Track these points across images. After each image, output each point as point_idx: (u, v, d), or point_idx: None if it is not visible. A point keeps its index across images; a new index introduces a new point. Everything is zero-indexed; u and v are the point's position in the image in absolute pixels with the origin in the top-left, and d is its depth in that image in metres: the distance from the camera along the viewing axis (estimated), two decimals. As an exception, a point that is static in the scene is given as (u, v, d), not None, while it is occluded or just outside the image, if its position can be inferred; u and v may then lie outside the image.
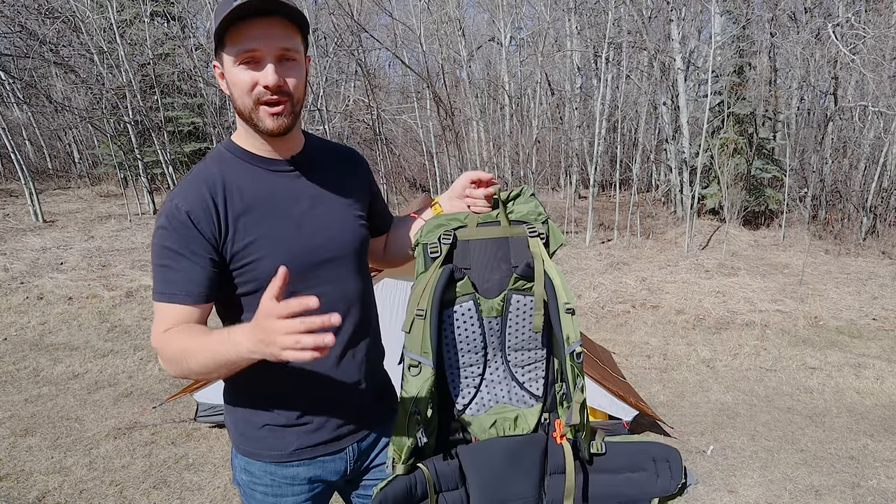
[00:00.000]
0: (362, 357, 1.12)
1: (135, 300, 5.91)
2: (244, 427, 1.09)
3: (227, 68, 0.96)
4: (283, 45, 0.93)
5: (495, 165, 12.61)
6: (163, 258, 0.96)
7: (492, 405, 1.20)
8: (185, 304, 0.95)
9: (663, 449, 1.16)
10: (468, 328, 1.15)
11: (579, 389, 1.09)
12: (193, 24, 13.09)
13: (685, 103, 10.99)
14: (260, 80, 0.93)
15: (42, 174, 14.30)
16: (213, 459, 2.97)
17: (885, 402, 4.17)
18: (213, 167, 1.02)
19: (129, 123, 10.52)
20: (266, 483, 1.10)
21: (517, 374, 1.20)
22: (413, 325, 1.09)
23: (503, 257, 1.14)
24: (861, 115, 11.99)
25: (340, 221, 1.10)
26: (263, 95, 0.94)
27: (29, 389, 3.81)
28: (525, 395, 1.21)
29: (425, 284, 1.09)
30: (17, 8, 11.29)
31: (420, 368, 1.07)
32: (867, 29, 9.50)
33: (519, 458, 1.14)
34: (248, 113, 0.97)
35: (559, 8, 13.50)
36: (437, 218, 1.15)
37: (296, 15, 0.94)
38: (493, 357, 1.19)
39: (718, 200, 10.64)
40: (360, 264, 1.14)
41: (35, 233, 8.64)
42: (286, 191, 1.04)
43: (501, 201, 1.14)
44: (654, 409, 3.58)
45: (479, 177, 1.15)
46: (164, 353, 0.93)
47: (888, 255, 9.21)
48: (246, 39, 0.91)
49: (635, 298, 6.59)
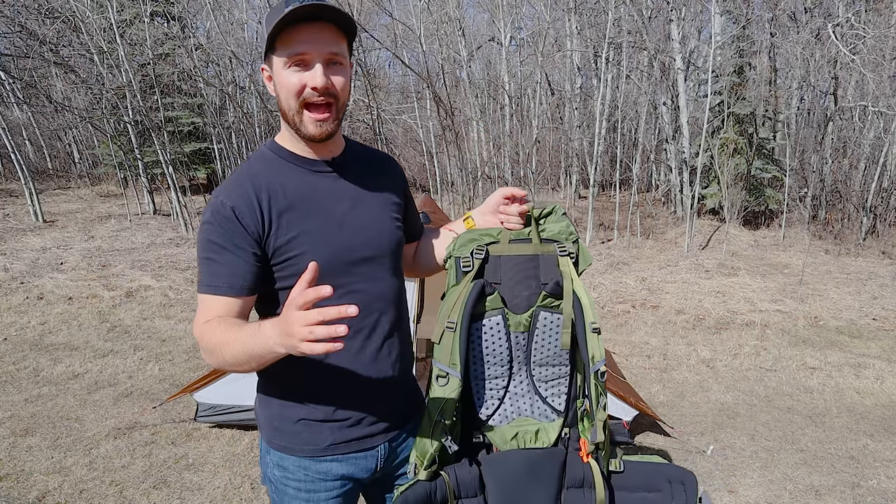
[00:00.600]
0: (396, 355, 1.15)
1: (135, 300, 5.91)
2: (279, 421, 1.11)
3: (276, 71, 0.99)
4: (332, 49, 0.97)
5: (495, 165, 12.61)
6: (208, 252, 0.99)
7: (514, 417, 1.22)
8: (228, 296, 0.98)
9: (679, 471, 1.19)
10: (496, 342, 1.18)
11: (602, 408, 1.12)
12: (193, 24, 13.09)
13: (685, 103, 10.99)
14: (308, 81, 0.97)
15: (42, 174, 14.30)
16: (213, 459, 2.97)
17: (885, 402, 4.17)
18: (256, 166, 1.05)
19: (129, 123, 10.51)
20: (299, 478, 1.11)
21: (541, 389, 1.23)
22: (443, 337, 1.12)
23: (533, 274, 1.17)
24: (861, 115, 11.99)
25: (378, 222, 1.12)
26: (311, 97, 0.98)
27: (29, 389, 3.81)
28: (547, 410, 1.24)
29: (457, 297, 1.12)
30: (17, 8, 11.28)
31: (448, 379, 1.10)
32: (867, 29, 9.50)
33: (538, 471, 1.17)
34: (292, 116, 1.00)
35: (559, 8, 13.50)
36: (470, 232, 1.18)
37: (344, 21, 0.98)
38: (517, 370, 1.22)
39: (718, 200, 10.64)
40: (396, 265, 1.17)
41: (35, 233, 8.64)
42: (328, 190, 1.08)
43: (534, 218, 1.17)
44: (654, 409, 3.58)
45: (512, 193, 1.17)
46: (202, 343, 0.96)
47: (888, 255, 9.21)
48: (296, 43, 0.95)
49: (635, 298, 6.59)
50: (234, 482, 2.77)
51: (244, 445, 3.12)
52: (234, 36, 13.07)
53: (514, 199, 1.17)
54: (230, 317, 0.97)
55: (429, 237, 1.32)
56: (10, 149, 9.42)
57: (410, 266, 1.34)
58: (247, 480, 2.79)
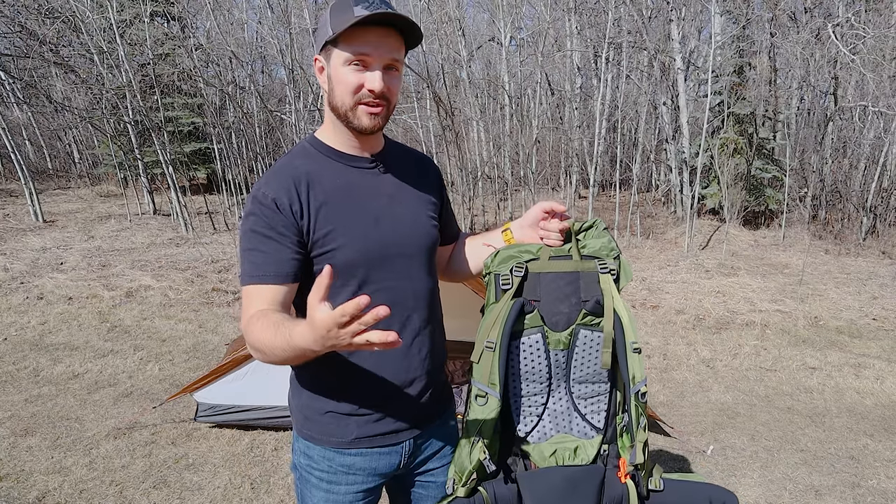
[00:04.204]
0: (426, 354, 1.15)
1: (135, 300, 5.91)
2: (308, 411, 1.13)
3: (333, 64, 1.00)
4: (394, 55, 1.00)
5: (495, 165, 12.61)
6: (251, 242, 1.00)
7: (553, 434, 1.22)
8: (274, 283, 0.99)
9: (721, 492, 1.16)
10: (535, 359, 1.17)
11: (642, 429, 1.12)
12: (193, 24, 13.08)
13: (685, 103, 10.98)
14: (366, 83, 0.99)
15: (42, 174, 14.30)
16: (213, 459, 2.97)
17: (885, 402, 4.17)
18: (296, 160, 1.07)
19: (129, 123, 10.51)
20: (323, 469, 1.13)
21: (580, 406, 1.22)
22: (482, 356, 1.11)
23: (573, 292, 1.16)
24: (861, 115, 11.99)
25: (415, 219, 1.13)
26: (366, 98, 1.00)
27: (29, 389, 3.81)
28: (586, 427, 1.23)
29: (496, 316, 1.11)
30: (17, 8, 11.28)
31: (487, 399, 1.10)
32: (867, 29, 9.50)
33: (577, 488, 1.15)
34: (344, 110, 1.02)
35: (559, 8, 13.49)
36: (509, 249, 1.17)
37: (413, 34, 1.01)
38: (556, 388, 1.21)
39: (718, 200, 10.64)
40: (430, 264, 1.18)
41: (35, 233, 8.64)
42: (366, 186, 1.09)
43: (574, 233, 1.16)
44: (654, 409, 3.58)
45: (552, 207, 1.17)
46: (247, 340, 0.97)
47: (888, 255, 9.21)
48: (362, 44, 0.97)
49: (635, 298, 6.59)
50: (234, 482, 2.77)
51: (244, 445, 3.12)
52: (234, 36, 13.07)
53: (554, 213, 1.17)
54: (274, 308, 0.97)
55: (464, 244, 1.32)
56: (10, 149, 9.41)
57: (443, 270, 1.34)
58: (247, 480, 2.79)
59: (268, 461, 2.98)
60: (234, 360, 3.19)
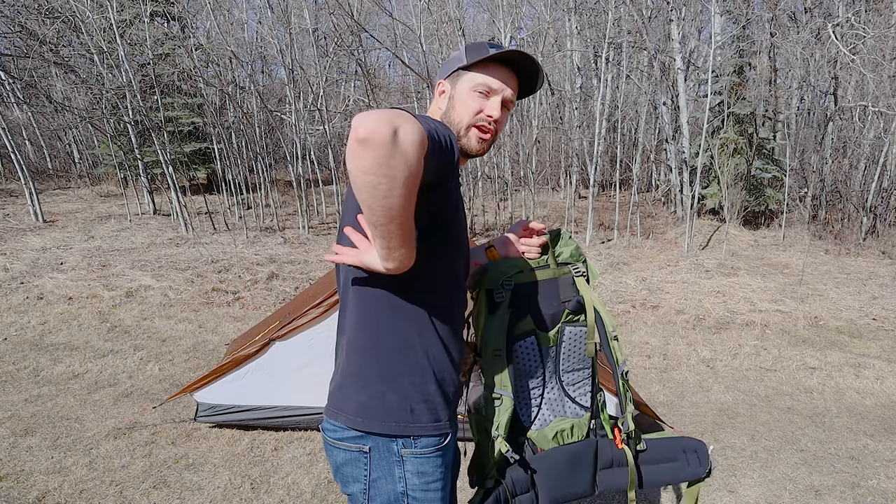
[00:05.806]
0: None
1: (135, 300, 5.91)
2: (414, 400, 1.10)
3: (459, 87, 1.15)
4: (511, 96, 1.17)
5: (495, 165, 12.61)
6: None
7: (551, 420, 1.40)
8: None
9: (692, 442, 1.44)
10: (531, 359, 1.35)
11: (630, 402, 1.39)
12: (193, 24, 13.09)
13: (685, 103, 10.99)
14: (486, 109, 1.14)
15: (42, 174, 14.31)
16: (213, 459, 2.97)
17: (885, 402, 4.17)
18: None
19: (129, 123, 10.52)
20: (438, 475, 1.12)
21: (569, 391, 1.42)
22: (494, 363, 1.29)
23: (554, 295, 1.35)
24: (861, 115, 12.00)
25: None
26: (482, 121, 1.14)
27: (29, 389, 3.81)
28: (576, 408, 1.43)
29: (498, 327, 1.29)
30: (17, 8, 11.29)
31: (502, 400, 1.29)
32: (867, 29, 9.50)
33: (578, 461, 1.37)
34: (458, 128, 1.14)
35: (559, 8, 13.50)
36: (497, 265, 1.33)
37: (535, 82, 1.19)
38: (549, 379, 1.40)
39: (718, 200, 10.65)
40: None
41: (35, 233, 8.65)
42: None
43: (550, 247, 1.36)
44: (654, 409, 3.58)
45: (531, 227, 1.38)
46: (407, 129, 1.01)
47: (888, 255, 9.21)
48: (494, 77, 1.14)
49: (635, 298, 6.59)
50: (234, 482, 2.77)
51: (244, 445, 3.12)
52: (234, 36, 13.07)
53: (532, 231, 1.37)
54: None
55: None
56: (10, 149, 9.42)
57: None
58: (247, 480, 2.79)
59: (268, 461, 2.98)
60: (234, 360, 3.19)
